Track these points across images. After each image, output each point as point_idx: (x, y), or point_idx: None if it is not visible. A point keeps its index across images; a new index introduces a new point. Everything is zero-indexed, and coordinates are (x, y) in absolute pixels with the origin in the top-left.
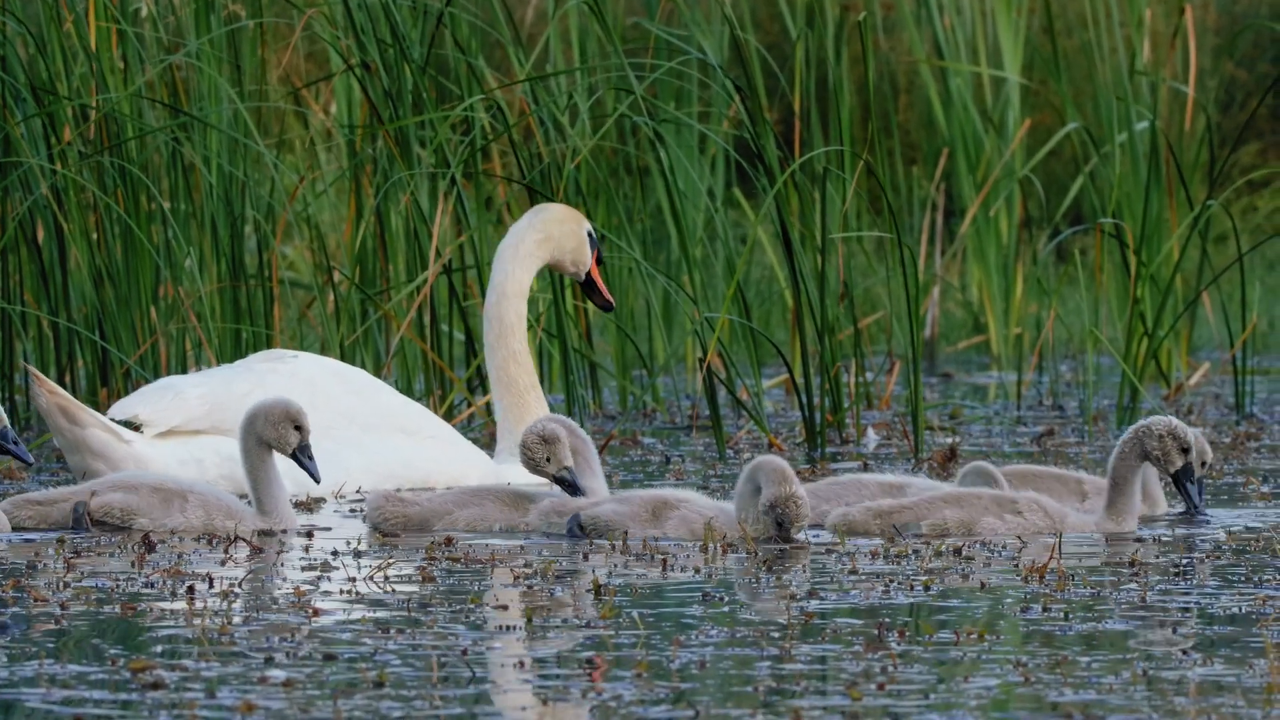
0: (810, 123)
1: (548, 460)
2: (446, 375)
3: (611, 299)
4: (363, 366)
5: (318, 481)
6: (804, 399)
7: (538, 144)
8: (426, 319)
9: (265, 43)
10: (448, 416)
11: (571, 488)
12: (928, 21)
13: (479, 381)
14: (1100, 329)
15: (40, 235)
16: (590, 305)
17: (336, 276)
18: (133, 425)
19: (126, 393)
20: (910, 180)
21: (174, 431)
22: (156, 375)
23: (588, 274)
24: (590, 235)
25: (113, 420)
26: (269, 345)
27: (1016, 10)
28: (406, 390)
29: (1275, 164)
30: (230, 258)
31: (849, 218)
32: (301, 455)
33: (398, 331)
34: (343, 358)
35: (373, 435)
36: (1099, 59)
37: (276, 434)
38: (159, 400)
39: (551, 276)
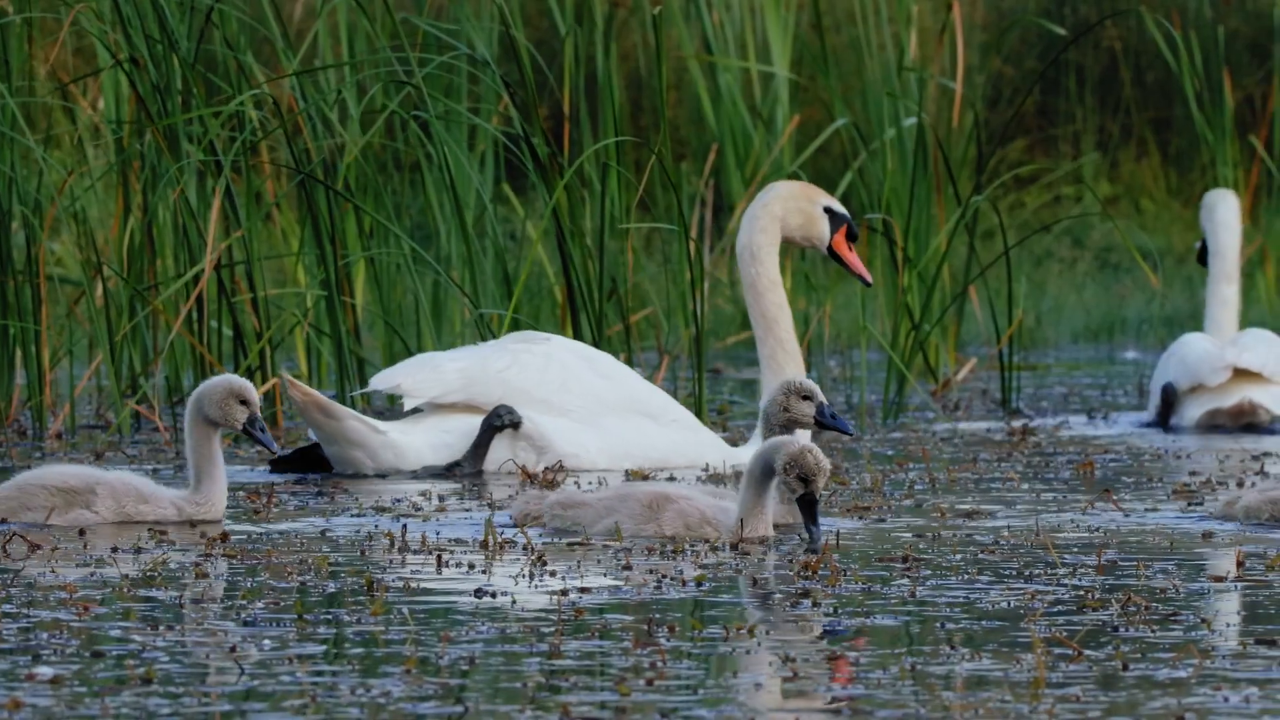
0: (579, 119)
1: (808, 402)
2: (215, 370)
3: (866, 275)
4: (130, 362)
5: (274, 453)
6: None
7: (305, 141)
8: (195, 315)
9: (33, 37)
10: None
11: (839, 427)
12: (696, 17)
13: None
14: (872, 324)
15: None
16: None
17: (105, 272)
18: (394, 396)
19: None
20: (679, 176)
21: (432, 404)
22: None
23: (830, 248)
24: (830, 210)
25: (375, 390)
26: (37, 341)
27: (785, 6)
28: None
29: (1042, 160)
30: None
31: (619, 214)
32: (253, 429)
33: (167, 328)
34: (112, 354)
35: (616, 417)
36: (867, 55)
37: (222, 412)
38: (419, 372)
39: (315, 266)
